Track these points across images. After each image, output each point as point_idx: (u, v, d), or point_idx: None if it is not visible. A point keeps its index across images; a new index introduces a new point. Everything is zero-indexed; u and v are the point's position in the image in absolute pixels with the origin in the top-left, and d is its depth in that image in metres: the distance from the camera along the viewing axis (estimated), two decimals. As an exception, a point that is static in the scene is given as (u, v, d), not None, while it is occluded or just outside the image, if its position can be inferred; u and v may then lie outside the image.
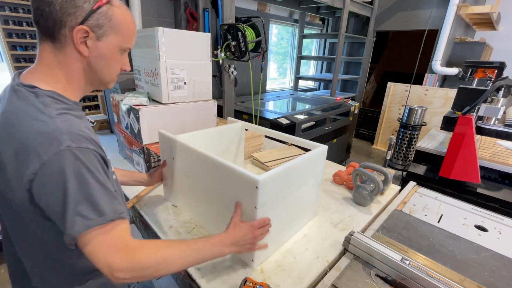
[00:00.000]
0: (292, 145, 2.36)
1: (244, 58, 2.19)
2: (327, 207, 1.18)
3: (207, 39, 1.46)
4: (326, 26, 4.77)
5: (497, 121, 1.77)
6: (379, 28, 4.32)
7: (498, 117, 1.67)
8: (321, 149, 0.97)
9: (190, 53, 1.40)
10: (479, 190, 1.64)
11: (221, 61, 2.33)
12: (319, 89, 5.15)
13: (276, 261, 0.88)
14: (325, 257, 0.89)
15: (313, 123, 2.79)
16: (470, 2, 3.61)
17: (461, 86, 1.70)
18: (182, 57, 1.37)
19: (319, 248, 0.94)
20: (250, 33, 2.19)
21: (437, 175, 1.71)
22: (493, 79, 2.04)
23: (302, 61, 4.50)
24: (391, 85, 4.25)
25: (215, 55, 2.26)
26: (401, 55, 6.21)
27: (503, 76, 2.00)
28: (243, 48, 2.12)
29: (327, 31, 4.80)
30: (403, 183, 1.86)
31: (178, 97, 1.42)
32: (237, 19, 2.29)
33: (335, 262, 0.88)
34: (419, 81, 3.90)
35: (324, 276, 0.81)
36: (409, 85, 3.71)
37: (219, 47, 2.25)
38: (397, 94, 4.21)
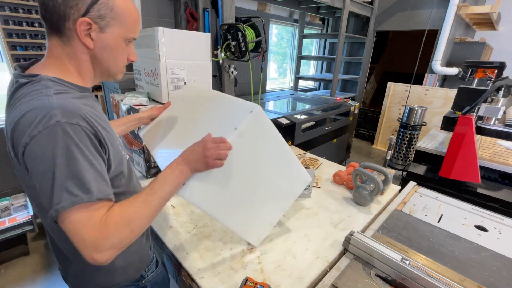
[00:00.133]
0: (292, 145, 2.36)
1: (244, 58, 2.19)
2: (327, 207, 1.18)
3: (207, 39, 1.46)
4: (326, 26, 4.77)
5: (497, 121, 1.76)
6: (379, 28, 4.32)
7: (498, 117, 1.67)
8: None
9: (190, 53, 1.40)
10: (479, 190, 1.64)
11: (221, 61, 2.33)
12: (319, 89, 5.14)
13: (276, 261, 0.88)
14: (325, 257, 0.89)
15: (313, 123, 2.79)
16: (470, 2, 3.61)
17: (461, 86, 1.70)
18: (182, 57, 1.37)
19: (319, 248, 0.94)
20: (250, 33, 2.19)
21: (437, 175, 1.71)
22: (493, 79, 2.04)
23: (302, 61, 4.49)
24: (391, 85, 4.25)
25: (215, 55, 2.26)
26: (401, 55, 6.22)
27: (503, 76, 2.00)
28: (243, 48, 2.12)
29: (327, 31, 4.79)
30: (403, 183, 1.86)
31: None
32: (237, 19, 2.28)
33: (335, 262, 0.88)
34: (419, 81, 3.90)
35: (324, 276, 0.81)
36: (409, 85, 3.71)
37: (219, 47, 2.25)
38: (397, 94, 4.21)
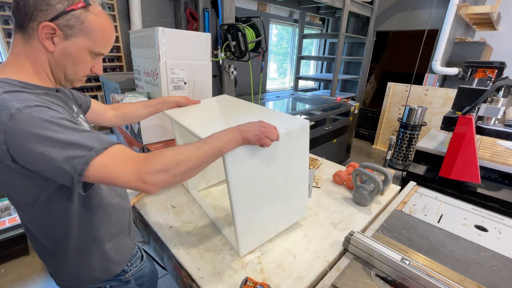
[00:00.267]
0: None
1: (244, 58, 2.19)
2: (327, 207, 1.18)
3: (207, 39, 1.45)
4: (326, 26, 4.77)
5: (497, 121, 1.76)
6: (379, 28, 4.32)
7: (498, 117, 1.67)
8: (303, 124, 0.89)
9: (190, 53, 1.40)
10: (479, 190, 1.64)
11: (221, 61, 2.33)
12: (319, 89, 5.14)
13: (276, 261, 0.88)
14: (325, 257, 0.89)
15: (313, 123, 2.79)
16: (470, 2, 3.61)
17: (461, 86, 1.70)
18: (182, 57, 1.37)
19: (319, 248, 0.94)
20: (250, 33, 2.18)
21: (437, 175, 1.71)
22: (493, 79, 2.04)
23: (302, 61, 4.49)
24: (391, 85, 4.25)
25: (215, 55, 2.25)
26: (401, 55, 6.22)
27: (503, 76, 2.00)
28: (243, 48, 2.12)
29: (327, 31, 4.79)
30: (403, 183, 1.86)
31: (178, 97, 1.42)
32: (237, 19, 2.28)
33: (335, 262, 0.88)
34: (419, 81, 3.90)
35: (324, 276, 0.81)
36: (409, 85, 3.71)
37: (219, 47, 2.25)
38: (397, 94, 4.21)
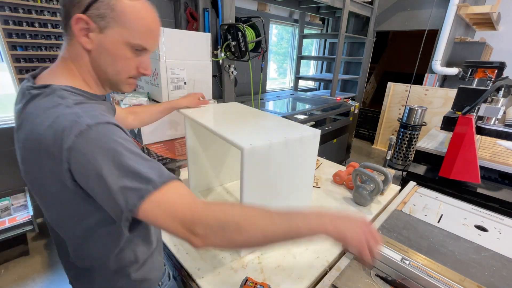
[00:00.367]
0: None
1: (244, 58, 2.19)
2: (327, 207, 1.18)
3: (207, 39, 1.45)
4: (326, 26, 4.77)
5: (497, 121, 1.76)
6: (379, 28, 4.32)
7: (498, 117, 1.67)
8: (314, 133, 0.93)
9: (190, 53, 1.40)
10: (479, 190, 1.64)
11: (221, 61, 2.33)
12: (319, 89, 5.14)
13: (276, 261, 0.88)
14: (325, 257, 0.89)
15: (313, 123, 2.79)
16: (470, 2, 3.61)
17: (461, 86, 1.70)
18: (182, 57, 1.37)
19: (319, 248, 0.94)
20: (250, 33, 2.19)
21: (437, 175, 1.71)
22: (493, 79, 2.03)
23: (302, 61, 4.50)
24: (391, 85, 4.25)
25: (215, 55, 2.26)
26: (401, 55, 6.22)
27: (503, 76, 2.00)
28: (243, 48, 2.12)
29: (327, 31, 4.79)
30: (403, 183, 1.86)
31: (178, 97, 1.42)
32: (237, 19, 2.29)
33: (335, 262, 0.88)
34: (419, 81, 3.90)
35: (324, 276, 0.81)
36: (409, 85, 3.71)
37: (219, 47, 2.25)
38: (397, 94, 4.21)
